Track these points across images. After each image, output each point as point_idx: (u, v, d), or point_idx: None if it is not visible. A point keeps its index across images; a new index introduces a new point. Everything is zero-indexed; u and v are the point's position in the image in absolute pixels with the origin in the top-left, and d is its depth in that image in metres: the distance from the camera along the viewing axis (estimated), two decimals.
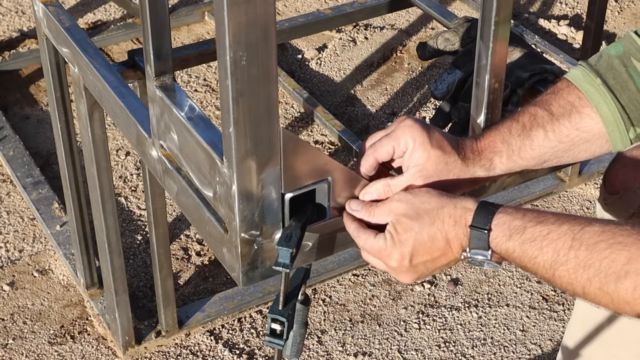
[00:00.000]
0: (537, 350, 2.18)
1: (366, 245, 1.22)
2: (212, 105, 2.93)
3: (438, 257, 1.19)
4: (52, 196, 2.52)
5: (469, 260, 1.17)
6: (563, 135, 1.29)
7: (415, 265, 1.19)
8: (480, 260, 1.16)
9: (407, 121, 1.24)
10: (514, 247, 1.14)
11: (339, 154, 2.73)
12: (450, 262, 1.20)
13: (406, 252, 1.19)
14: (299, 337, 1.27)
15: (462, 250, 1.17)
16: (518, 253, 1.13)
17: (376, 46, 3.20)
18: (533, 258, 1.12)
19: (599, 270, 1.07)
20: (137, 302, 2.28)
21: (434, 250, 1.18)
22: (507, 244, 1.14)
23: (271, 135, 1.14)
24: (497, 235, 1.15)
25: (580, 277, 1.09)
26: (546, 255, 1.11)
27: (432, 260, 1.19)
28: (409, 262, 1.19)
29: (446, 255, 1.19)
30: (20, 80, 3.07)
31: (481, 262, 1.17)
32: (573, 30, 3.28)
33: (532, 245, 1.12)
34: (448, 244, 1.18)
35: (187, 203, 1.36)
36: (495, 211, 1.15)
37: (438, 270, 1.22)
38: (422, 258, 1.19)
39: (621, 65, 1.30)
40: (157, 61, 1.37)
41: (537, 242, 1.12)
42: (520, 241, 1.13)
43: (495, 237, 1.15)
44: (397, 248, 1.19)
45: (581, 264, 1.09)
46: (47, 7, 1.87)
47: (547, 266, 1.11)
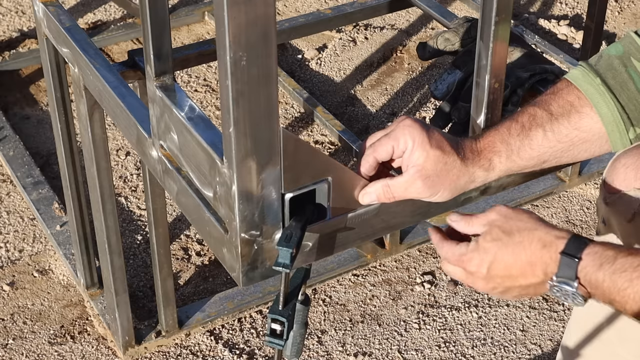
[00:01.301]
0: (537, 350, 2.18)
1: (448, 253, 1.22)
2: (212, 105, 2.93)
3: (516, 277, 1.18)
4: (52, 196, 2.52)
5: (554, 292, 1.15)
6: (562, 135, 1.29)
7: (492, 276, 1.19)
8: (566, 292, 1.14)
9: (406, 121, 1.24)
10: (604, 278, 1.12)
11: (339, 154, 2.73)
12: (529, 287, 1.18)
13: (486, 260, 1.18)
14: (299, 337, 1.27)
15: (545, 276, 1.16)
16: (607, 284, 1.11)
17: (376, 46, 3.20)
18: (622, 290, 1.10)
19: None
20: (137, 302, 2.28)
21: (513, 267, 1.17)
22: (597, 274, 1.12)
23: (271, 135, 1.14)
24: (587, 264, 1.13)
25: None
26: (637, 287, 1.09)
27: (510, 277, 1.18)
28: (487, 271, 1.19)
29: (525, 276, 1.17)
30: (20, 80, 3.07)
31: (566, 294, 1.14)
32: (573, 30, 3.28)
33: (623, 276, 1.10)
34: (530, 266, 1.16)
35: (187, 203, 1.36)
36: (589, 242, 1.15)
37: (515, 292, 1.20)
38: (500, 271, 1.18)
39: (621, 65, 1.30)
40: (157, 61, 1.37)
41: (628, 272, 1.10)
42: (611, 271, 1.11)
43: (584, 267, 1.13)
44: (479, 254, 1.19)
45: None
46: (47, 7, 1.87)
47: (637, 298, 1.09)
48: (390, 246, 2.40)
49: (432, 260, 2.40)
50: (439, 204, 1.34)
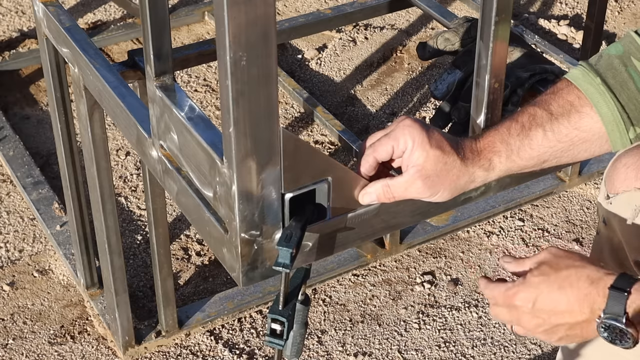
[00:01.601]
0: (537, 350, 2.18)
1: (494, 291, 1.21)
2: (212, 105, 2.93)
3: (562, 313, 1.16)
4: (52, 196, 2.52)
5: (602, 331, 1.13)
6: (562, 134, 1.29)
7: (538, 310, 1.17)
8: (614, 329, 1.12)
9: (406, 121, 1.24)
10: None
11: (339, 154, 2.73)
12: (576, 327, 1.16)
13: (532, 294, 1.17)
14: (299, 337, 1.27)
15: (592, 313, 1.14)
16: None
17: (376, 46, 3.20)
18: None
19: None
20: (137, 302, 2.28)
21: (560, 303, 1.16)
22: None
23: (271, 135, 1.14)
24: (637, 298, 1.11)
25: None
26: None
27: (556, 313, 1.16)
28: (532, 305, 1.17)
29: (572, 313, 1.15)
30: (20, 80, 3.07)
31: (614, 332, 1.12)
32: (573, 30, 3.28)
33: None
34: (578, 302, 1.15)
35: (187, 203, 1.36)
36: (639, 279, 1.14)
37: (561, 331, 1.17)
38: (546, 306, 1.17)
39: (621, 64, 1.30)
40: (157, 61, 1.37)
41: None
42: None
43: (634, 300, 1.11)
44: (525, 287, 1.18)
45: None
46: (47, 7, 1.87)
47: None
48: (390, 246, 2.40)
49: (432, 260, 2.40)
50: (438, 204, 1.34)
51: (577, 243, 2.45)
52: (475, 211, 2.50)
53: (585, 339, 1.19)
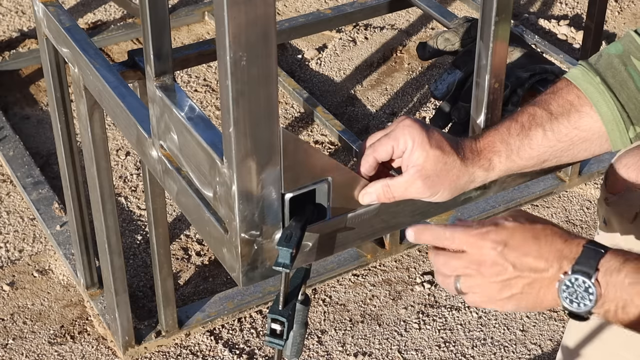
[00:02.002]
0: (537, 350, 2.18)
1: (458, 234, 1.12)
2: (212, 105, 2.93)
3: (529, 262, 1.09)
4: (52, 196, 2.52)
5: (564, 288, 1.07)
6: (562, 134, 1.29)
7: (505, 253, 1.10)
8: (579, 286, 1.06)
9: (406, 121, 1.24)
10: (627, 272, 1.06)
11: (339, 154, 2.73)
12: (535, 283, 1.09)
13: (504, 236, 1.10)
14: (299, 337, 1.27)
15: (559, 269, 1.08)
16: (629, 280, 1.05)
17: (376, 46, 3.20)
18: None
19: None
20: (137, 302, 2.28)
21: (531, 250, 1.09)
22: (620, 268, 1.06)
23: (271, 135, 1.14)
24: (611, 259, 1.07)
25: None
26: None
27: (523, 260, 1.09)
28: (502, 248, 1.10)
29: (539, 264, 1.09)
30: (20, 80, 3.07)
31: (578, 289, 1.06)
32: (573, 30, 3.28)
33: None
34: (549, 254, 1.09)
35: (187, 203, 1.36)
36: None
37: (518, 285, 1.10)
38: (516, 249, 1.09)
39: (621, 64, 1.30)
40: (157, 61, 1.37)
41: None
42: (634, 267, 1.06)
43: (608, 261, 1.07)
44: (499, 229, 1.11)
45: None
46: (47, 7, 1.87)
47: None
48: (390, 246, 2.40)
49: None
50: (438, 204, 1.34)
51: None
52: (475, 211, 2.50)
53: (534, 307, 1.11)
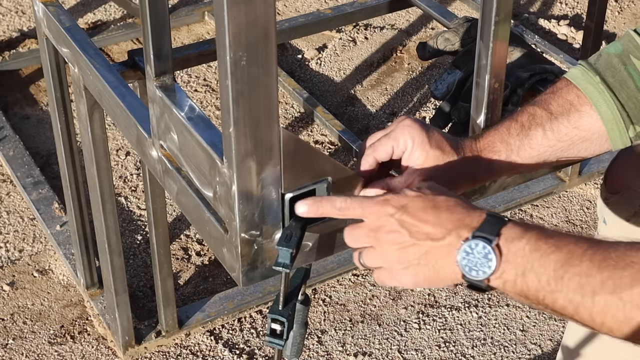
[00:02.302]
0: (537, 350, 2.18)
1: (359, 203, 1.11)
2: (212, 105, 2.93)
3: (427, 228, 1.06)
4: (52, 196, 2.52)
5: (463, 254, 1.04)
6: (562, 134, 1.29)
7: (403, 217, 1.07)
8: (478, 252, 1.04)
9: (406, 121, 1.24)
10: (527, 239, 1.03)
11: (339, 154, 2.73)
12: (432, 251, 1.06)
13: (405, 201, 1.09)
14: (299, 337, 1.27)
15: (458, 237, 1.05)
16: (530, 247, 1.03)
17: (376, 46, 3.20)
18: (545, 256, 1.02)
19: (614, 272, 0.99)
20: (137, 302, 2.28)
21: (430, 217, 1.07)
22: (521, 236, 1.04)
23: (271, 135, 1.13)
24: (513, 228, 1.05)
25: (593, 279, 1.00)
26: (559, 255, 1.02)
27: (420, 226, 1.07)
28: (401, 211, 1.08)
29: (437, 231, 1.06)
30: (20, 80, 3.07)
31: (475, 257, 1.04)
32: (573, 30, 3.28)
33: (548, 242, 1.03)
34: (448, 222, 1.06)
35: (187, 203, 1.36)
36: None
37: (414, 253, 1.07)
38: (414, 215, 1.07)
39: (620, 63, 1.30)
40: (157, 61, 1.37)
41: (555, 239, 1.03)
42: (536, 235, 1.04)
43: (510, 228, 1.04)
44: (400, 195, 1.10)
45: (596, 265, 1.00)
46: (47, 7, 1.87)
47: (558, 266, 1.02)
48: None
49: None
50: None
51: None
52: None
53: (433, 280, 1.08)
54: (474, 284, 1.07)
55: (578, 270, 1.01)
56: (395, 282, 1.11)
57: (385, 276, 1.12)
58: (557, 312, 1.04)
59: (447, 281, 1.09)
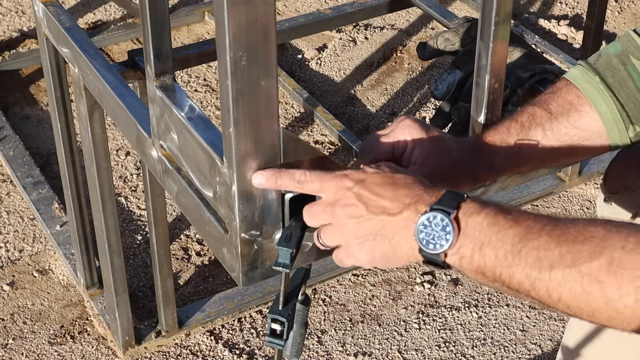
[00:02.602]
0: (537, 350, 2.18)
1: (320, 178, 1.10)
2: (212, 105, 2.93)
3: (383, 203, 1.05)
4: (52, 196, 2.52)
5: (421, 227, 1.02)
6: (562, 134, 1.29)
7: (361, 191, 1.06)
8: (436, 225, 1.01)
9: (406, 121, 1.24)
10: (486, 214, 1.01)
11: (339, 154, 2.73)
12: (388, 226, 1.05)
13: (363, 176, 1.08)
14: (299, 337, 1.27)
15: (415, 212, 1.03)
16: (488, 221, 1.01)
17: (376, 46, 3.20)
18: (503, 230, 1.00)
19: (573, 246, 0.97)
20: (137, 302, 2.28)
21: (387, 192, 1.06)
22: (480, 211, 1.02)
23: (271, 136, 1.14)
24: (472, 203, 1.03)
25: (551, 253, 0.98)
26: (517, 229, 1.00)
27: (377, 201, 1.06)
28: (359, 186, 1.07)
29: (394, 206, 1.05)
30: (20, 80, 3.07)
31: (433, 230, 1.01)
32: (573, 30, 3.28)
33: (507, 217, 1.01)
34: (406, 197, 1.05)
35: (187, 203, 1.36)
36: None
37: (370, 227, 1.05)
38: (371, 189, 1.06)
39: (620, 63, 1.30)
40: (157, 61, 1.37)
41: (513, 214, 1.01)
42: (495, 210, 1.02)
43: (469, 203, 1.03)
44: (358, 171, 1.09)
45: (554, 239, 0.98)
46: (47, 7, 1.87)
47: (515, 240, 0.99)
48: None
49: None
50: None
51: None
52: None
53: (390, 257, 1.06)
54: (430, 258, 1.04)
55: (536, 244, 0.99)
56: (352, 260, 1.09)
57: (342, 254, 1.11)
58: (513, 289, 1.02)
59: (404, 258, 1.08)
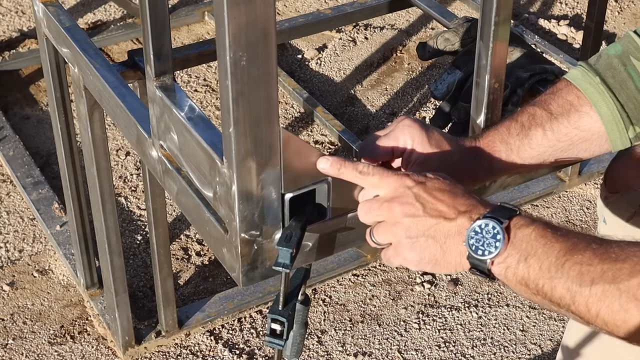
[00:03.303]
0: (537, 350, 2.18)
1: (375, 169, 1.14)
2: (212, 105, 2.93)
3: (441, 206, 1.09)
4: (52, 196, 2.52)
5: (472, 233, 1.06)
6: (562, 134, 1.29)
7: (421, 192, 1.10)
8: (487, 232, 1.06)
9: (406, 121, 1.24)
10: (535, 227, 1.06)
11: (339, 154, 2.73)
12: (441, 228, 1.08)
13: (424, 179, 1.11)
14: (299, 337, 1.27)
15: (469, 220, 1.08)
16: (536, 234, 1.05)
17: (376, 46, 3.20)
18: (550, 243, 1.04)
19: (614, 263, 1.02)
20: (137, 302, 2.28)
21: (446, 196, 1.09)
22: (530, 224, 1.06)
23: (271, 136, 1.14)
24: (523, 217, 1.08)
25: (594, 269, 1.02)
26: (564, 244, 1.04)
27: (436, 204, 1.09)
28: (420, 186, 1.10)
29: (450, 211, 1.08)
30: (20, 80, 3.07)
31: (484, 237, 1.06)
32: (573, 30, 3.28)
33: (555, 232, 1.05)
34: (463, 205, 1.09)
35: (187, 203, 1.36)
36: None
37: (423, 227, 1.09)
38: (432, 192, 1.10)
39: (620, 64, 1.30)
40: (157, 61, 1.37)
41: (562, 231, 1.06)
42: (544, 225, 1.06)
43: (521, 217, 1.08)
44: (419, 174, 1.12)
45: (597, 256, 1.03)
46: (47, 7, 1.87)
47: (561, 254, 1.04)
48: None
49: None
50: None
51: None
52: None
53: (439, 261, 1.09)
54: (477, 265, 1.08)
55: (580, 259, 1.04)
56: (400, 259, 1.12)
57: (391, 253, 1.13)
58: (554, 302, 1.06)
59: (452, 264, 1.10)
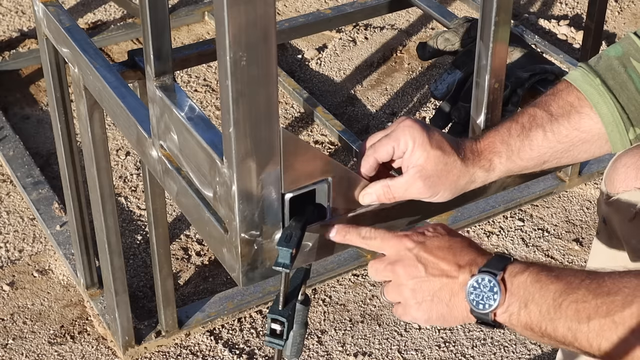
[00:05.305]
0: (537, 350, 2.18)
1: (376, 233, 1.21)
2: (212, 105, 2.93)
3: (442, 266, 1.16)
4: (52, 196, 2.52)
5: (471, 289, 1.12)
6: (562, 135, 1.29)
7: (422, 253, 1.17)
8: (484, 287, 1.12)
9: (406, 121, 1.25)
10: (529, 272, 1.12)
11: (339, 154, 2.73)
12: (445, 288, 1.15)
13: (423, 239, 1.18)
14: (299, 337, 1.27)
15: (468, 273, 1.14)
16: (531, 279, 1.11)
17: (376, 46, 3.20)
18: (545, 286, 1.10)
19: (607, 297, 1.07)
20: (137, 302, 2.28)
21: (447, 255, 1.16)
22: (524, 270, 1.12)
23: (271, 136, 1.14)
24: (517, 264, 1.13)
25: (588, 305, 1.07)
26: (558, 285, 1.10)
27: (437, 264, 1.16)
28: (420, 247, 1.17)
29: (451, 270, 1.15)
30: (20, 80, 3.07)
31: (482, 291, 1.12)
32: (573, 30, 3.28)
33: (549, 274, 1.11)
34: (462, 262, 1.15)
35: (187, 203, 1.36)
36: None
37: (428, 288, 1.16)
38: (432, 253, 1.16)
39: (620, 65, 1.30)
40: (157, 61, 1.37)
41: (555, 271, 1.11)
42: (538, 269, 1.12)
43: (515, 265, 1.13)
44: (419, 234, 1.19)
45: (591, 292, 1.08)
46: (47, 7, 1.87)
47: (557, 295, 1.09)
48: None
49: None
50: (438, 204, 1.34)
51: (577, 243, 2.45)
52: (475, 211, 2.50)
53: (445, 318, 1.16)
54: (481, 318, 1.14)
55: (575, 298, 1.09)
56: (409, 318, 1.19)
57: (400, 311, 1.20)
58: (559, 342, 1.10)
59: (459, 319, 1.17)
